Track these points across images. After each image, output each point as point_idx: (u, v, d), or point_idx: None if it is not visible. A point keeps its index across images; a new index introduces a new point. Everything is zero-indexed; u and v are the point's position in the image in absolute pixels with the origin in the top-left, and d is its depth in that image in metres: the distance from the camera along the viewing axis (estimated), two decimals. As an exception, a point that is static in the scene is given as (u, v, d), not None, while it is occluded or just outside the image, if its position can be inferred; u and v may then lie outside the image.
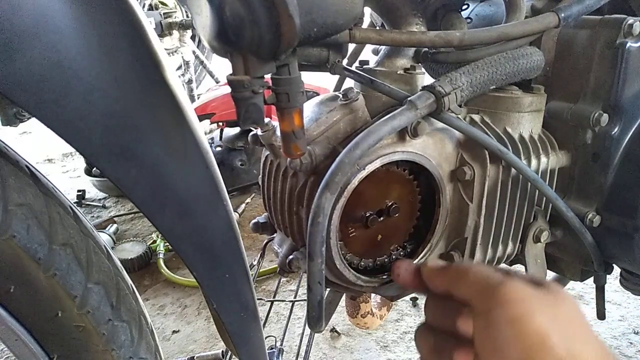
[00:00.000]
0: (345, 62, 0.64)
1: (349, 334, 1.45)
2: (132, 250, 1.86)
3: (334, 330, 1.44)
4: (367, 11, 0.86)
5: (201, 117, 2.13)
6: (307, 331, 1.27)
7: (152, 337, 0.66)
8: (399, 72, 0.67)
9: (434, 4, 0.76)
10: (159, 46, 0.51)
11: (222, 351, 1.24)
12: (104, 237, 1.83)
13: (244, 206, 2.19)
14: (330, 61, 0.61)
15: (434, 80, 0.62)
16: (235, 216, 0.62)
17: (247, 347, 0.64)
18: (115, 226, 2.03)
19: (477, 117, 0.72)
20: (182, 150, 0.52)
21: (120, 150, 0.46)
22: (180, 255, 0.53)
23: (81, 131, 0.43)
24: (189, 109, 0.54)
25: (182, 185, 0.51)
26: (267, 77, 0.48)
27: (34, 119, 0.44)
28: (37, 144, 3.20)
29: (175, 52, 2.97)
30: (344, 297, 1.07)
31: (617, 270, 0.84)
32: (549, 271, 0.82)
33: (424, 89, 0.61)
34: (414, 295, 1.57)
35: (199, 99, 2.51)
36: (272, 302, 1.41)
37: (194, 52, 3.08)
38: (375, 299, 1.09)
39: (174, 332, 1.50)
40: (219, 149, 2.29)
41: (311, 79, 1.24)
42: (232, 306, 0.60)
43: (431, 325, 0.48)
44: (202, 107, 2.17)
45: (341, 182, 0.55)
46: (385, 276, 0.69)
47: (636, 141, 0.73)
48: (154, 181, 0.49)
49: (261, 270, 1.70)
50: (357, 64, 0.74)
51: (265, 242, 0.80)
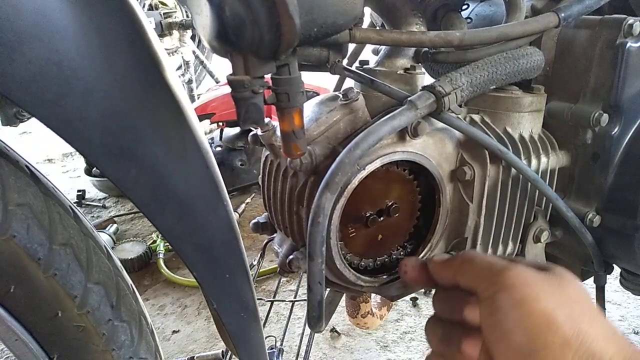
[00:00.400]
0: (345, 62, 0.64)
1: (349, 334, 1.45)
2: (132, 250, 1.86)
3: (334, 330, 1.44)
4: (367, 11, 0.86)
5: (201, 117, 2.13)
6: (307, 331, 1.27)
7: (152, 337, 0.66)
8: (399, 72, 0.67)
9: (434, 4, 0.76)
10: (159, 46, 0.51)
11: (222, 351, 1.24)
12: (104, 237, 1.83)
13: (244, 206, 2.19)
14: (330, 61, 0.61)
15: (434, 80, 0.62)
16: (235, 216, 0.62)
17: (247, 347, 0.64)
18: (115, 226, 2.03)
19: (477, 117, 0.72)
20: (182, 150, 0.52)
21: (120, 150, 0.46)
22: (180, 255, 0.53)
23: (81, 131, 0.43)
24: (189, 109, 0.54)
25: (182, 185, 0.51)
26: (267, 77, 0.48)
27: (34, 119, 0.44)
28: (37, 144, 3.20)
29: (175, 52, 2.97)
30: (344, 297, 1.07)
31: (617, 270, 0.84)
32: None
33: (424, 89, 0.61)
34: (414, 295, 1.57)
35: (199, 99, 2.51)
36: (272, 302, 1.41)
37: (194, 52, 3.08)
38: (375, 299, 1.09)
39: (174, 332, 1.50)
40: (219, 149, 2.29)
41: (311, 79, 1.24)
42: (232, 306, 0.60)
43: (440, 317, 0.48)
44: (202, 107, 2.17)
45: (341, 182, 0.55)
46: (385, 276, 0.69)
47: (636, 141, 0.73)
48: (154, 181, 0.49)
49: (261, 270, 1.70)
50: (357, 64, 0.74)
51: (265, 242, 0.80)
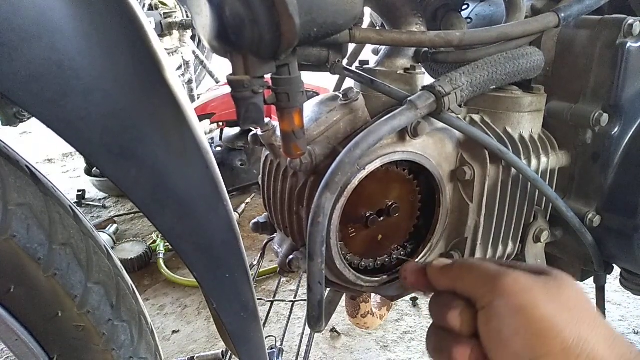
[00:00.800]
0: (345, 62, 0.64)
1: (349, 334, 1.45)
2: (132, 250, 1.86)
3: (334, 330, 1.44)
4: (367, 11, 0.86)
5: (201, 117, 2.13)
6: (307, 331, 1.27)
7: (152, 337, 0.66)
8: (399, 72, 0.67)
9: (434, 4, 0.76)
10: (159, 46, 0.51)
11: (222, 351, 1.24)
12: (104, 237, 1.83)
13: (244, 206, 2.19)
14: (330, 61, 0.61)
15: (434, 80, 0.62)
16: (235, 216, 0.61)
17: (247, 347, 0.64)
18: (115, 226, 2.03)
19: (477, 117, 0.72)
20: (182, 150, 0.52)
21: (120, 150, 0.46)
22: (180, 255, 0.53)
23: (81, 131, 0.43)
24: (189, 109, 0.54)
25: (182, 185, 0.52)
26: (267, 77, 0.48)
27: (34, 119, 0.44)
28: (37, 144, 3.20)
29: (175, 52, 2.97)
30: (344, 297, 1.07)
31: (617, 270, 0.84)
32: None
33: (424, 89, 0.61)
34: (414, 295, 1.57)
35: (199, 99, 2.51)
36: (272, 302, 1.41)
37: (194, 52, 3.08)
38: (375, 299, 1.09)
39: (174, 332, 1.50)
40: (219, 149, 2.29)
41: (311, 79, 1.24)
42: (232, 306, 0.60)
43: (438, 326, 0.48)
44: (202, 107, 2.17)
45: (341, 182, 0.55)
46: (385, 276, 0.69)
47: (636, 141, 0.73)
48: (154, 181, 0.49)
49: (261, 270, 1.70)
50: (357, 64, 0.74)
51: (265, 242, 0.80)
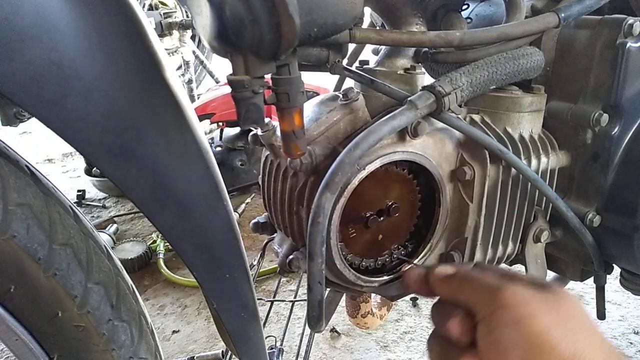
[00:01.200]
0: (345, 62, 0.64)
1: (349, 334, 1.45)
2: (132, 250, 1.86)
3: (334, 330, 1.44)
4: (367, 11, 0.86)
5: (201, 117, 2.13)
6: (307, 331, 1.27)
7: (152, 337, 0.66)
8: (399, 72, 0.67)
9: (434, 4, 0.76)
10: (159, 46, 0.51)
11: (222, 351, 1.24)
12: (104, 237, 1.83)
13: (244, 206, 2.19)
14: (330, 61, 0.61)
15: (434, 80, 0.62)
16: (235, 216, 0.62)
17: (247, 347, 0.64)
18: (115, 226, 2.03)
19: (477, 117, 0.72)
20: (182, 150, 0.52)
21: (120, 150, 0.46)
22: (180, 255, 0.53)
23: (81, 131, 0.43)
24: (189, 109, 0.54)
25: (182, 185, 0.52)
26: (267, 77, 0.48)
27: (34, 119, 0.44)
28: (37, 144, 3.20)
29: (175, 52, 2.97)
30: (344, 297, 1.07)
31: (617, 270, 0.84)
32: (549, 271, 0.81)
33: (424, 89, 0.61)
34: (414, 295, 1.57)
35: (199, 99, 2.51)
36: (272, 302, 1.41)
37: (194, 52, 3.08)
38: (375, 299, 1.09)
39: (174, 332, 1.50)
40: (219, 149, 2.29)
41: (311, 79, 1.24)
42: (232, 306, 0.60)
43: (439, 332, 0.48)
44: (202, 107, 2.17)
45: (341, 182, 0.55)
46: (385, 276, 0.69)
47: (636, 141, 0.73)
48: (154, 181, 0.49)
49: (261, 270, 1.70)
50: (357, 64, 0.74)
51: (265, 242, 0.80)
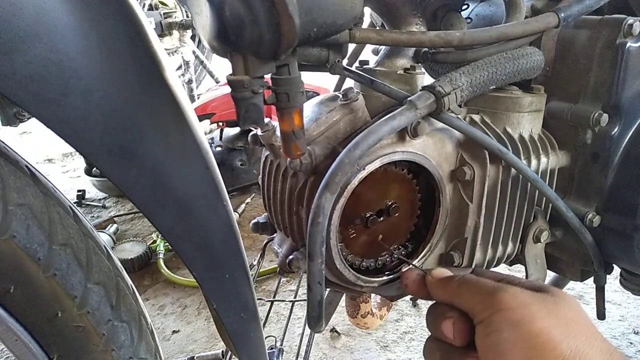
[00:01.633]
0: (345, 62, 0.64)
1: (349, 334, 1.45)
2: (132, 250, 1.86)
3: (334, 330, 1.44)
4: (367, 11, 0.86)
5: (201, 117, 2.13)
6: (307, 331, 1.27)
7: (152, 337, 0.66)
8: (399, 72, 0.67)
9: (434, 4, 0.76)
10: (159, 46, 0.51)
11: (222, 351, 1.24)
12: (104, 237, 1.83)
13: (244, 206, 2.19)
14: (330, 61, 0.61)
15: (434, 80, 0.62)
16: (235, 216, 0.62)
17: (247, 347, 0.64)
18: (115, 226, 2.03)
19: (477, 117, 0.72)
20: (182, 150, 0.52)
21: (120, 150, 0.46)
22: (180, 255, 0.53)
23: (81, 131, 0.43)
24: (189, 109, 0.54)
25: (182, 185, 0.52)
26: (267, 77, 0.48)
27: (34, 119, 0.44)
28: (37, 144, 3.20)
29: (175, 52, 2.98)
30: (344, 297, 1.07)
31: (617, 270, 0.84)
32: (549, 271, 0.81)
33: (424, 89, 0.61)
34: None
35: (199, 99, 2.51)
36: (272, 302, 1.41)
37: (194, 52, 3.08)
38: (375, 299, 1.09)
39: (174, 332, 1.50)
40: (219, 149, 2.29)
41: (311, 79, 1.24)
42: (232, 306, 0.60)
43: (436, 337, 0.48)
44: (202, 107, 2.17)
45: (341, 182, 0.55)
46: (385, 276, 0.69)
47: (636, 141, 0.73)
48: (154, 181, 0.49)
49: (261, 270, 1.70)
50: (357, 64, 0.74)
51: (265, 242, 0.79)
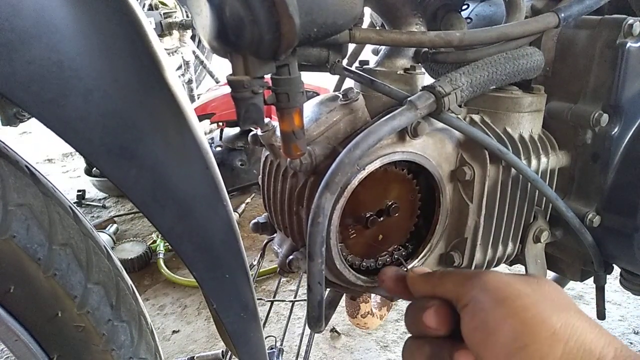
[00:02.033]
0: (345, 62, 0.64)
1: (349, 334, 1.45)
2: (132, 250, 1.86)
3: (334, 330, 1.44)
4: (367, 11, 0.86)
5: (201, 117, 2.13)
6: (307, 331, 1.27)
7: (152, 337, 0.66)
8: (399, 72, 0.67)
9: (434, 4, 0.76)
10: (159, 46, 0.51)
11: (222, 351, 1.24)
12: (104, 237, 1.83)
13: (244, 206, 2.19)
14: (330, 61, 0.61)
15: (434, 80, 0.62)
16: (235, 216, 0.62)
17: (247, 347, 0.64)
18: (115, 226, 2.03)
19: (477, 117, 0.72)
20: (182, 150, 0.52)
21: (120, 150, 0.46)
22: (180, 255, 0.53)
23: (81, 131, 0.43)
24: (189, 109, 0.54)
25: (182, 185, 0.52)
26: (267, 77, 0.48)
27: (34, 119, 0.44)
28: (37, 144, 3.20)
29: (175, 52, 2.98)
30: (344, 297, 1.07)
31: (617, 270, 0.84)
32: (549, 271, 0.82)
33: (424, 89, 0.61)
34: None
35: (199, 99, 2.51)
36: (272, 302, 1.41)
37: (194, 52, 3.08)
38: (375, 299, 1.09)
39: (174, 332, 1.50)
40: (219, 149, 2.29)
41: (311, 79, 1.24)
42: (232, 306, 0.60)
43: (418, 336, 0.48)
44: (202, 107, 2.17)
45: (341, 182, 0.55)
46: (385, 276, 0.69)
47: (636, 141, 0.73)
48: (154, 181, 0.49)
49: (261, 270, 1.70)
50: (357, 64, 0.74)
51: (265, 242, 0.79)
